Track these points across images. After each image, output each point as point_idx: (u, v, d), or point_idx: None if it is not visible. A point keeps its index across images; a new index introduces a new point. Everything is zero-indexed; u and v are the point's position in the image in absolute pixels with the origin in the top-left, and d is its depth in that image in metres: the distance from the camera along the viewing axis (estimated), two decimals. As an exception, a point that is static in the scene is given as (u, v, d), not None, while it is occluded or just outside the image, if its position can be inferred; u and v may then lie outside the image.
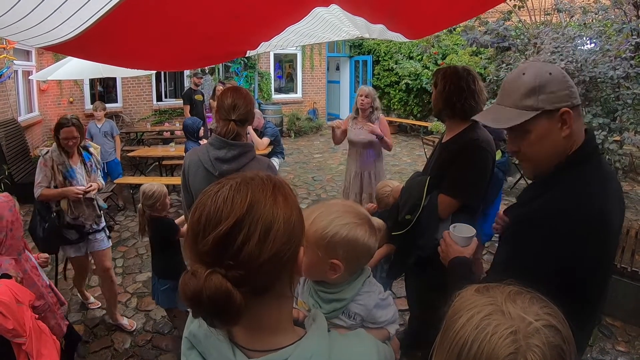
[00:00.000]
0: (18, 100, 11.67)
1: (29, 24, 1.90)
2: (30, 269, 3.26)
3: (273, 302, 1.12)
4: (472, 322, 1.06)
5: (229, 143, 3.04)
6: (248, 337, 1.14)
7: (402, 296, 4.73)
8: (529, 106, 1.77)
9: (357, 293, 1.82)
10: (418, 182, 3.25)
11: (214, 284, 0.97)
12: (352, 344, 1.28)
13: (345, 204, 1.84)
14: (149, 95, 16.13)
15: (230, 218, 1.01)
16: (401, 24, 3.39)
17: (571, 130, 1.73)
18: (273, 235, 1.02)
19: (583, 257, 1.63)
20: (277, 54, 19.24)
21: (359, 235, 1.70)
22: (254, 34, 3.23)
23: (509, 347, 1.00)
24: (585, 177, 1.73)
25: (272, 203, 1.06)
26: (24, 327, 2.82)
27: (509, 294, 1.10)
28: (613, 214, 1.67)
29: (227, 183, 1.08)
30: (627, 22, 6.39)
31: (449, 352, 1.08)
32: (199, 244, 1.02)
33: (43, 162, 4.50)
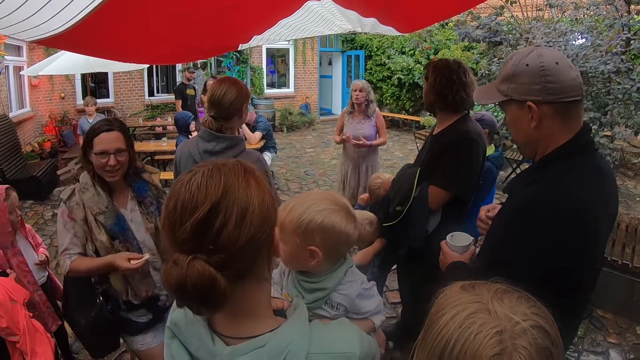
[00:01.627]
0: (9, 96, 11.63)
1: (19, 18, 1.90)
2: (17, 264, 3.24)
3: (253, 285, 1.14)
4: (455, 320, 1.02)
5: (217, 136, 3.02)
6: (228, 324, 1.16)
7: (395, 289, 4.75)
8: (502, 90, 1.84)
9: (339, 282, 1.83)
10: (409, 173, 3.26)
11: (197, 269, 0.98)
12: (332, 333, 1.28)
13: (322, 193, 1.90)
14: (141, 90, 16.06)
15: (206, 203, 1.02)
16: (393, 18, 3.40)
17: (541, 124, 1.75)
18: (249, 218, 1.04)
19: (560, 251, 1.64)
20: (269, 49, 19.20)
21: (336, 222, 1.71)
22: (246, 28, 3.23)
23: (494, 347, 0.95)
24: (569, 171, 1.74)
25: (246, 186, 1.07)
26: (17, 326, 2.83)
27: (496, 292, 1.07)
28: (595, 210, 1.67)
29: (199, 170, 1.09)
30: (619, 18, 6.43)
31: (431, 351, 1.04)
32: (177, 232, 1.03)
33: (67, 213, 2.69)
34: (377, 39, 18.90)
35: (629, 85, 5.76)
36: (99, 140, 2.65)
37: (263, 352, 1.08)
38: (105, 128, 2.68)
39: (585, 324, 4.90)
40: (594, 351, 4.49)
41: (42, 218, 8.24)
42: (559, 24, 6.99)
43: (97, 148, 2.64)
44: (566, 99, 1.71)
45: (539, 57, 1.73)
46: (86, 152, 2.69)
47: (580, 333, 4.72)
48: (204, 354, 1.14)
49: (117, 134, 2.69)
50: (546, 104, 1.72)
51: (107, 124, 2.71)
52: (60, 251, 2.71)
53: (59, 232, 2.74)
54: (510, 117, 1.87)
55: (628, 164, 11.33)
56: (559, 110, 1.73)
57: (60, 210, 2.71)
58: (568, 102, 1.72)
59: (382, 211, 3.42)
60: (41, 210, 8.62)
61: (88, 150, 2.67)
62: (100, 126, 2.69)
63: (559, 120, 1.75)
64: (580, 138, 1.77)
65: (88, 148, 2.67)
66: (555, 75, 1.69)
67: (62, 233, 2.70)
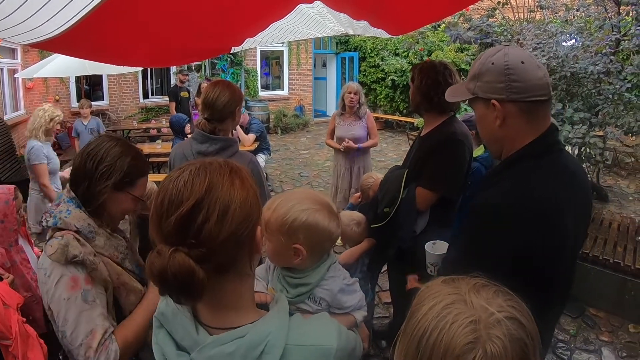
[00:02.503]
0: (3, 99, 11.62)
1: (15, 22, 1.91)
2: (20, 261, 3.28)
3: (235, 280, 1.19)
4: (433, 310, 1.06)
5: (210, 137, 3.05)
6: (211, 316, 1.20)
7: (387, 289, 4.78)
8: (470, 88, 1.86)
9: (322, 278, 1.87)
10: (396, 175, 3.30)
11: (178, 261, 1.03)
12: (311, 326, 1.31)
13: (306, 192, 1.93)
14: (136, 92, 16.08)
15: (190, 199, 1.07)
16: (383, 20, 3.43)
17: (505, 122, 1.77)
18: (231, 215, 1.10)
19: (525, 250, 1.66)
20: (263, 51, 19.24)
21: (319, 220, 1.76)
22: (238, 31, 3.26)
23: (467, 335, 0.98)
24: (535, 170, 1.75)
25: (229, 185, 1.13)
26: (10, 330, 2.84)
27: (474, 286, 1.10)
28: (560, 208, 1.69)
29: (188, 168, 1.15)
30: (608, 19, 6.47)
31: (410, 340, 1.08)
32: (162, 224, 1.09)
33: (85, 279, 1.85)
34: (371, 40, 18.98)
35: (618, 86, 5.80)
36: (143, 182, 2.16)
37: (242, 342, 1.12)
38: (145, 169, 2.20)
39: (578, 322, 4.96)
40: (586, 349, 4.53)
41: (37, 220, 8.17)
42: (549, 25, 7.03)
43: (139, 191, 2.13)
44: (531, 98, 1.72)
45: (505, 56, 1.74)
46: (118, 185, 2.01)
47: (573, 331, 4.77)
48: (188, 343, 1.18)
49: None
50: (510, 103, 1.73)
51: (143, 167, 2.17)
52: (83, 342, 1.78)
53: (72, 315, 1.79)
54: (477, 115, 1.90)
55: (621, 163, 11.40)
56: (523, 109, 1.74)
57: (67, 282, 1.81)
58: (533, 101, 1.73)
59: (371, 212, 3.46)
60: (35, 213, 8.55)
61: (121, 186, 2.03)
62: (145, 165, 2.20)
63: (524, 120, 1.76)
64: (547, 138, 1.79)
65: (124, 185, 2.04)
66: (520, 75, 1.71)
67: (84, 313, 1.81)
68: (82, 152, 2.03)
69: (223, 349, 1.12)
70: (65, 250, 1.80)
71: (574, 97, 6.52)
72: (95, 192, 1.97)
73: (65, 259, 1.80)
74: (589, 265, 5.20)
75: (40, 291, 1.91)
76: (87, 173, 1.97)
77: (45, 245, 1.90)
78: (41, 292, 1.89)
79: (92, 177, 1.96)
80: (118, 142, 2.05)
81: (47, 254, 1.83)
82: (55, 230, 1.94)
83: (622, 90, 5.81)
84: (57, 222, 1.92)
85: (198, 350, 1.14)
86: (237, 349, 1.12)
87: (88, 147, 2.03)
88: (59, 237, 1.86)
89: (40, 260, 1.90)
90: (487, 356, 0.96)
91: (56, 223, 1.92)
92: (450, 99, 2.07)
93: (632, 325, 4.89)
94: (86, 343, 1.78)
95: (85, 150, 2.03)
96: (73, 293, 1.80)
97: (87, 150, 2.01)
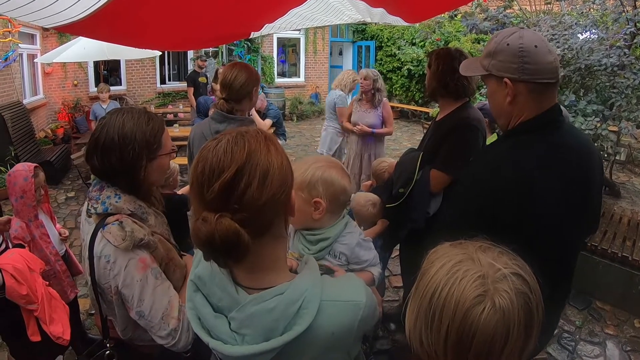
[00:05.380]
0: (23, 83, 11.77)
1: (41, 5, 1.95)
2: (39, 236, 3.41)
3: (271, 242, 1.27)
4: (444, 268, 1.15)
5: (228, 117, 3.18)
6: (249, 277, 1.29)
7: (397, 273, 4.84)
8: (484, 65, 1.98)
9: (341, 233, 2.04)
10: (411, 157, 3.36)
11: (225, 225, 1.11)
12: (341, 283, 1.46)
13: (317, 157, 2.11)
14: (153, 77, 16.14)
15: (232, 166, 1.14)
16: (400, 8, 3.46)
17: (515, 100, 1.89)
18: (270, 180, 1.17)
19: (501, 214, 1.80)
20: (280, 38, 19.22)
21: (333, 175, 1.95)
22: (258, 16, 3.31)
23: (477, 289, 1.08)
24: (525, 144, 1.90)
25: (266, 152, 1.20)
26: (35, 294, 2.95)
27: (480, 247, 1.19)
28: (538, 181, 1.79)
29: (224, 137, 1.22)
30: (624, 12, 6.44)
31: (422, 298, 1.17)
32: (205, 193, 1.15)
33: (150, 258, 1.92)
34: (388, 29, 18.89)
35: (632, 79, 5.77)
36: (166, 135, 2.07)
37: (282, 299, 1.22)
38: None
39: (584, 314, 4.98)
40: (591, 341, 4.55)
41: (56, 201, 8.41)
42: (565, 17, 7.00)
43: (168, 145, 2.07)
44: (541, 80, 1.84)
45: (520, 39, 1.85)
46: (150, 156, 1.97)
47: (579, 323, 4.79)
48: (227, 303, 1.27)
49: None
50: (521, 83, 1.86)
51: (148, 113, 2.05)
52: (164, 314, 1.87)
53: (148, 293, 1.85)
54: (490, 90, 2.02)
55: (635, 160, 11.30)
56: (533, 89, 1.87)
57: (136, 265, 1.85)
58: (542, 83, 1.85)
59: (386, 193, 3.51)
60: (54, 194, 8.78)
61: (153, 155, 1.98)
62: (158, 119, 2.05)
63: (532, 99, 1.88)
64: (545, 116, 1.90)
65: (154, 152, 1.99)
66: (533, 57, 1.82)
67: (157, 289, 1.88)
68: (97, 148, 1.90)
69: (264, 305, 1.21)
70: (132, 237, 1.81)
71: (588, 90, 6.51)
72: (136, 178, 1.95)
73: (133, 245, 1.81)
74: (597, 257, 5.20)
75: (98, 277, 1.86)
76: (118, 168, 1.90)
77: (102, 231, 1.84)
78: (100, 277, 1.86)
79: (125, 169, 1.92)
80: (121, 117, 1.94)
81: (114, 243, 1.79)
82: (104, 216, 1.89)
83: (636, 83, 5.79)
84: (107, 209, 1.89)
85: (238, 308, 1.23)
86: (277, 305, 1.21)
87: (98, 141, 1.89)
88: (116, 223, 1.84)
89: (98, 247, 1.84)
90: (495, 308, 1.06)
91: (107, 209, 1.88)
92: (464, 72, 2.18)
93: (637, 320, 4.90)
94: (168, 315, 1.86)
95: (98, 144, 1.90)
96: (144, 273, 1.85)
97: (101, 145, 1.89)
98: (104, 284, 1.86)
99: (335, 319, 1.29)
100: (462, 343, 1.08)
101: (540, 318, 1.13)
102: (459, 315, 1.07)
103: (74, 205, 8.29)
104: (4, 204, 7.15)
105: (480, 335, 1.06)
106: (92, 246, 1.86)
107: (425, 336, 1.16)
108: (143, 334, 2.00)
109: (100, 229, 1.86)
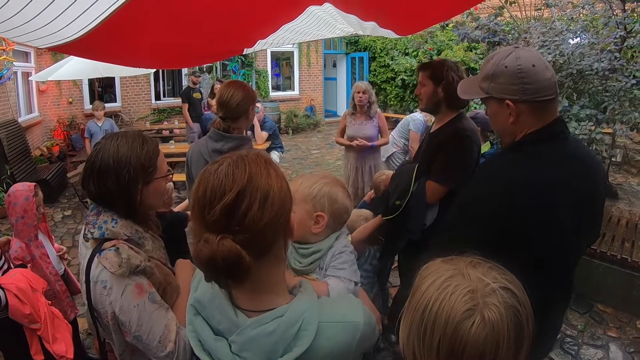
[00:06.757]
0: (18, 101, 11.78)
1: (37, 25, 1.99)
2: (39, 256, 3.42)
3: (271, 264, 1.28)
4: (435, 284, 1.18)
5: (225, 136, 3.21)
6: (248, 299, 1.30)
7: (397, 285, 4.84)
8: (483, 88, 2.01)
9: (331, 245, 2.04)
10: (407, 169, 3.37)
11: (226, 247, 1.12)
12: (339, 304, 1.46)
13: (323, 173, 2.14)
14: (148, 94, 16.21)
15: (234, 189, 1.16)
16: (392, 21, 3.47)
17: (518, 119, 1.92)
18: (270, 202, 1.19)
19: (507, 218, 1.80)
20: (274, 52, 19.31)
21: (339, 193, 2.01)
22: (250, 32, 3.32)
23: (466, 303, 1.10)
24: (532, 156, 1.91)
25: (267, 175, 1.22)
26: (39, 313, 2.96)
27: (471, 262, 1.22)
28: (544, 191, 1.81)
29: (225, 161, 1.24)
30: (613, 16, 6.49)
31: (415, 312, 1.19)
32: (206, 215, 1.17)
33: (148, 283, 1.88)
34: (381, 40, 18.98)
35: (624, 83, 5.81)
36: (162, 158, 2.06)
37: (282, 321, 1.23)
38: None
39: (586, 318, 4.99)
40: (594, 344, 4.56)
41: (52, 220, 8.40)
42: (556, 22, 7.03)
43: (163, 168, 2.05)
44: (541, 98, 1.87)
45: (517, 60, 1.88)
46: (146, 179, 1.96)
47: (581, 327, 4.80)
48: (226, 326, 1.28)
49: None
50: (523, 103, 1.88)
51: (142, 136, 2.02)
52: (162, 338, 1.82)
53: (146, 318, 1.81)
54: (491, 111, 2.05)
55: (631, 161, 11.34)
56: (534, 107, 1.90)
57: (133, 291, 1.81)
58: (543, 100, 1.88)
59: (383, 205, 3.51)
60: (51, 212, 8.77)
61: (149, 178, 1.97)
62: (153, 142, 2.03)
63: (535, 116, 1.91)
64: (550, 128, 1.93)
65: (150, 175, 1.97)
66: (532, 77, 1.85)
67: (155, 313, 1.84)
68: (92, 173, 1.89)
69: (264, 328, 1.22)
70: (129, 264, 1.78)
71: (580, 94, 6.54)
72: (132, 202, 1.92)
73: (129, 272, 1.79)
74: (597, 261, 5.20)
75: (94, 301, 1.81)
76: (115, 192, 1.88)
77: (98, 257, 1.81)
78: (97, 302, 1.81)
79: (122, 193, 1.89)
80: (115, 142, 1.92)
81: (110, 270, 1.76)
82: (101, 242, 1.87)
83: (628, 86, 5.82)
84: (104, 234, 1.86)
85: (238, 332, 1.24)
86: (276, 328, 1.22)
87: (94, 166, 1.89)
88: (112, 249, 1.82)
89: (95, 272, 1.81)
90: (485, 321, 1.08)
91: (103, 234, 1.86)
92: (463, 95, 2.19)
93: (639, 321, 4.91)
94: (165, 338, 1.81)
95: (94, 169, 1.89)
96: (141, 299, 1.81)
97: (97, 170, 1.88)
98: (100, 309, 1.83)
99: (333, 340, 1.29)
100: (454, 356, 1.10)
101: (530, 331, 1.15)
102: (450, 329, 1.10)
103: (71, 224, 8.29)
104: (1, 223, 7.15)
105: (470, 348, 1.08)
106: (88, 271, 1.84)
107: (418, 350, 1.18)
108: (141, 359, 1.97)
109: (97, 254, 1.83)
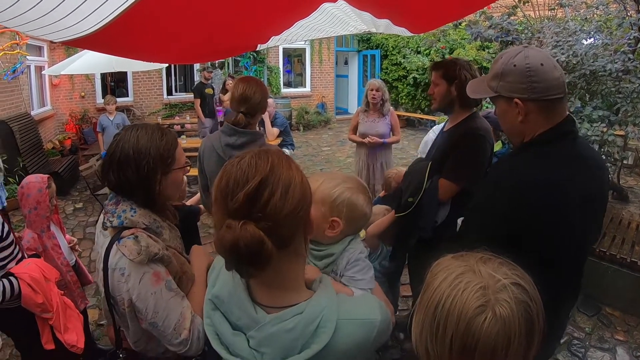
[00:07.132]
0: (31, 95, 11.88)
1: (52, 20, 1.99)
2: (51, 247, 3.45)
3: (292, 258, 1.30)
4: (446, 281, 1.19)
5: (238, 131, 3.25)
6: (268, 296, 1.32)
7: (406, 283, 4.84)
8: (492, 87, 2.03)
9: (345, 249, 2.00)
10: (420, 166, 3.38)
11: (249, 232, 1.13)
12: (356, 302, 1.49)
13: (347, 175, 2.08)
14: (160, 89, 16.28)
15: (256, 177, 1.18)
16: (405, 19, 3.47)
17: (526, 118, 1.94)
18: (292, 193, 1.21)
19: (517, 219, 1.83)
20: (286, 49, 19.33)
21: (360, 201, 1.93)
22: (264, 29, 3.34)
23: (478, 299, 1.12)
24: (542, 156, 1.92)
25: (288, 167, 1.25)
26: (51, 303, 2.99)
27: (481, 258, 1.23)
28: (560, 191, 1.83)
29: (248, 154, 1.27)
30: (627, 17, 6.46)
31: (427, 309, 1.20)
32: (229, 202, 1.18)
33: (165, 271, 1.94)
34: (393, 38, 18.93)
35: (636, 85, 5.78)
36: (180, 149, 2.13)
37: (301, 318, 1.25)
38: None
39: (594, 320, 4.98)
40: (601, 347, 4.55)
41: (64, 212, 8.49)
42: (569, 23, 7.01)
43: (181, 159, 2.12)
44: (550, 96, 1.89)
45: (526, 59, 1.89)
46: (165, 170, 2.02)
47: (588, 329, 4.80)
48: (245, 322, 1.30)
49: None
50: (531, 101, 1.90)
51: (161, 128, 2.10)
52: (177, 325, 1.88)
53: (162, 305, 1.87)
54: (500, 110, 2.06)
55: (644, 164, 11.26)
56: (543, 106, 1.91)
57: (150, 278, 1.86)
58: (552, 99, 1.89)
59: (395, 202, 3.53)
60: (62, 205, 8.86)
61: (168, 168, 2.04)
62: (170, 134, 2.10)
63: (544, 115, 1.93)
64: (560, 128, 1.94)
65: (169, 166, 2.04)
66: (540, 76, 1.87)
67: (171, 301, 1.89)
68: (113, 163, 1.96)
69: (283, 325, 1.25)
70: (147, 251, 1.84)
71: (593, 95, 6.51)
72: (151, 192, 1.98)
73: (148, 259, 1.84)
74: (606, 263, 5.19)
75: (112, 289, 1.89)
76: (134, 182, 1.94)
77: (117, 245, 1.87)
78: (114, 289, 1.89)
79: (141, 183, 1.95)
80: (135, 132, 2.00)
81: (129, 257, 1.81)
82: (120, 230, 1.93)
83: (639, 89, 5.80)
84: (123, 222, 1.92)
85: (257, 328, 1.26)
86: (296, 325, 1.24)
87: (114, 156, 1.96)
88: (131, 237, 1.87)
89: (113, 260, 1.87)
90: (496, 317, 1.09)
91: (122, 223, 1.92)
92: (472, 95, 2.21)
93: (647, 325, 4.87)
94: (180, 326, 1.87)
95: (114, 159, 1.95)
96: (158, 286, 1.86)
97: (117, 160, 1.95)
98: (117, 296, 1.88)
99: (351, 337, 1.31)
100: (466, 352, 1.11)
101: (541, 326, 1.16)
102: (462, 325, 1.11)
103: (82, 217, 8.36)
104: (13, 214, 7.21)
105: (482, 344, 1.09)
106: (106, 258, 1.88)
107: (430, 346, 1.19)
108: (155, 347, 2.04)
109: (115, 241, 1.88)
